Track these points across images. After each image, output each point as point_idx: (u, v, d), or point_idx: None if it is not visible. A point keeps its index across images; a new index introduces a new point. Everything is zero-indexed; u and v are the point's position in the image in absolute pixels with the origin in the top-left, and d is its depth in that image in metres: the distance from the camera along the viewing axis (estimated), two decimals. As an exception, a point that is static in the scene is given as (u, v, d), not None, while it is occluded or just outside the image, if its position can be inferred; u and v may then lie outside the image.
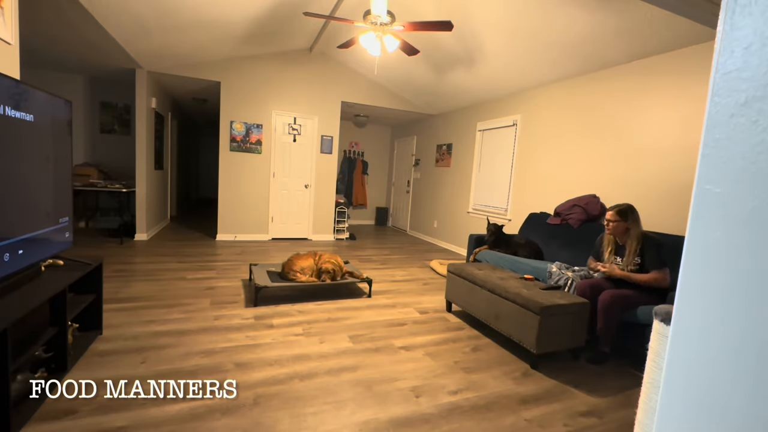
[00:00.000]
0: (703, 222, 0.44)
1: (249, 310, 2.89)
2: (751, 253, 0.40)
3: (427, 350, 2.44)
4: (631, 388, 2.11)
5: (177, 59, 4.80)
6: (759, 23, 0.38)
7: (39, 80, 4.39)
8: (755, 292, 0.39)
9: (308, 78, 5.69)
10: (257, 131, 5.55)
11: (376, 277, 3.94)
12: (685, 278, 0.45)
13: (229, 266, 4.12)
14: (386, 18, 3.10)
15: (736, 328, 0.41)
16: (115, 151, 5.80)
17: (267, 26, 4.32)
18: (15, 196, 1.59)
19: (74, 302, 2.05)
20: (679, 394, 0.46)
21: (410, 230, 7.47)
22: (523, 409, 1.88)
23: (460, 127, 5.92)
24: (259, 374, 2.02)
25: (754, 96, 0.39)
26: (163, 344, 2.27)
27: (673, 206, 2.95)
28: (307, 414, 1.72)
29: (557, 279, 2.86)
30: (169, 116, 6.58)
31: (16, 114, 1.56)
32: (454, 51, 4.25)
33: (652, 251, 2.36)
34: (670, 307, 0.51)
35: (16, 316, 1.41)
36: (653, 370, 0.66)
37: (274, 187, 5.78)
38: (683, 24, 2.53)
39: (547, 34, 3.38)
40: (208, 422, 1.61)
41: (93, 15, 3.25)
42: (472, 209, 5.56)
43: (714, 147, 0.42)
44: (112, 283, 3.19)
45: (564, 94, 4.09)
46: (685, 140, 2.93)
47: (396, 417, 1.74)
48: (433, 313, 3.14)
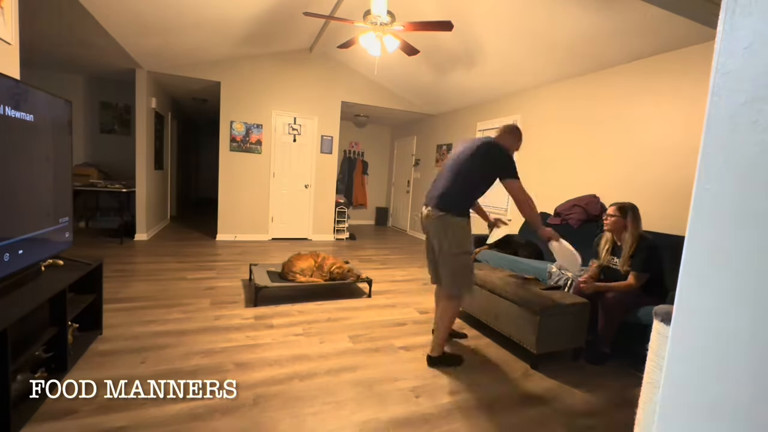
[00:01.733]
0: (703, 222, 0.44)
1: (249, 310, 2.89)
2: (750, 253, 0.40)
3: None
4: (631, 388, 2.11)
5: (177, 59, 4.80)
6: (759, 23, 0.38)
7: (39, 80, 4.39)
8: (755, 292, 0.39)
9: (308, 78, 5.69)
10: (257, 131, 5.55)
11: (376, 277, 3.93)
12: (685, 278, 0.45)
13: (229, 266, 4.12)
14: (386, 18, 3.10)
15: (736, 328, 0.41)
16: (115, 151, 5.80)
17: (267, 26, 4.32)
18: (15, 196, 1.59)
19: (74, 302, 2.05)
20: (679, 394, 0.46)
21: (410, 230, 7.47)
22: (523, 409, 1.88)
23: (460, 127, 5.92)
24: (259, 374, 2.02)
25: (754, 96, 0.39)
26: (163, 344, 2.26)
27: (673, 206, 2.95)
28: (307, 414, 1.71)
29: (557, 279, 2.86)
30: (169, 116, 6.58)
31: (16, 114, 1.56)
32: (454, 51, 4.24)
33: (641, 254, 2.36)
34: (670, 307, 0.51)
35: (16, 316, 1.41)
36: (653, 370, 0.66)
37: (274, 187, 5.78)
38: (683, 24, 2.53)
39: (547, 34, 3.38)
40: (208, 422, 1.61)
41: (93, 15, 3.25)
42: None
43: (714, 147, 0.42)
44: (112, 283, 3.19)
45: (564, 94, 4.09)
46: (685, 140, 2.93)
47: (396, 417, 1.74)
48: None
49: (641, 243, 2.38)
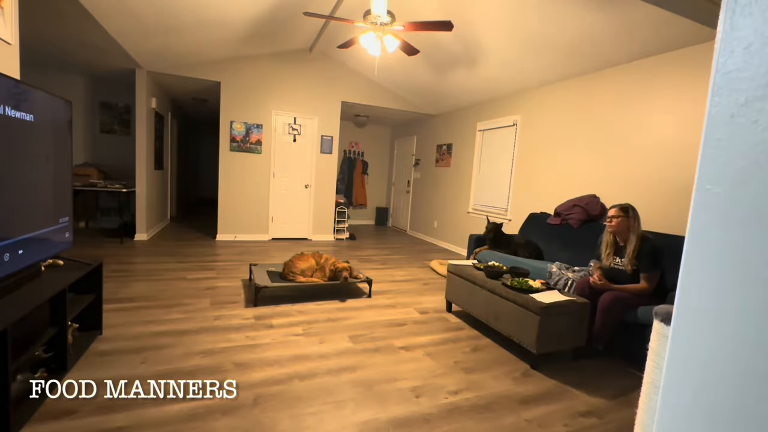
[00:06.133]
0: (703, 222, 0.43)
1: (249, 310, 2.89)
2: (751, 253, 0.40)
3: (427, 350, 2.44)
4: (631, 388, 2.11)
5: (177, 59, 4.80)
6: (759, 23, 0.38)
7: (39, 80, 4.39)
8: (755, 292, 0.39)
9: (308, 78, 5.69)
10: (257, 131, 5.55)
11: (376, 277, 3.93)
12: (685, 278, 0.45)
13: (229, 266, 4.12)
14: (386, 18, 3.10)
15: (736, 328, 0.41)
16: (115, 151, 5.80)
17: (267, 26, 4.32)
18: (15, 196, 1.59)
19: (74, 302, 2.05)
20: (679, 394, 0.46)
21: (410, 230, 7.47)
22: (523, 409, 1.88)
23: (460, 127, 5.92)
24: (258, 374, 2.02)
25: (754, 96, 0.39)
26: (163, 344, 2.26)
27: (673, 206, 2.95)
28: (306, 414, 1.71)
29: (557, 279, 2.86)
30: (169, 116, 6.58)
31: (16, 114, 1.56)
32: (454, 51, 4.24)
33: (648, 255, 2.36)
34: (670, 307, 0.51)
35: (16, 316, 1.41)
36: (653, 370, 0.66)
37: (274, 187, 5.78)
38: (683, 24, 2.53)
39: (547, 34, 3.38)
40: (208, 422, 1.61)
41: (93, 15, 3.25)
42: (472, 209, 5.56)
43: (714, 147, 0.42)
44: (112, 283, 3.19)
45: (564, 94, 4.09)
46: (685, 140, 2.93)
47: (396, 417, 1.74)
48: (433, 313, 3.14)
49: (644, 244, 2.39)
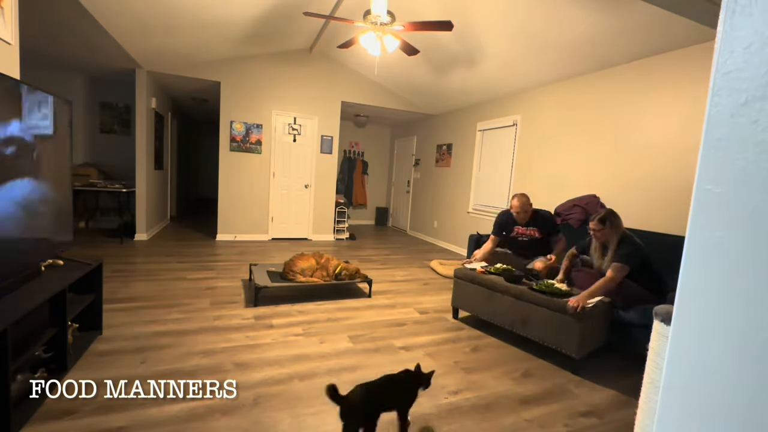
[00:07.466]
0: (703, 222, 0.43)
1: (249, 310, 2.89)
2: (751, 253, 0.40)
3: (427, 350, 2.44)
4: (631, 388, 2.11)
5: (177, 59, 4.80)
6: (759, 23, 0.38)
7: (39, 80, 4.39)
8: (755, 292, 0.39)
9: (308, 78, 5.69)
10: (257, 131, 5.55)
11: (376, 277, 3.93)
12: (685, 278, 0.45)
13: (229, 266, 4.12)
14: (386, 18, 3.10)
15: (736, 328, 0.41)
16: (115, 151, 5.80)
17: (267, 26, 4.32)
18: (14, 196, 1.59)
19: (74, 302, 2.05)
20: (679, 394, 0.46)
21: (410, 230, 7.47)
22: (523, 409, 1.88)
23: (460, 127, 5.92)
24: (259, 374, 2.02)
25: (754, 96, 0.39)
26: (163, 344, 2.26)
27: (673, 206, 2.95)
28: (307, 414, 1.71)
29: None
30: (169, 116, 6.58)
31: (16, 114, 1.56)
32: (454, 51, 4.24)
33: (623, 248, 2.41)
34: (670, 307, 0.51)
35: (16, 316, 1.41)
36: (653, 370, 0.66)
37: (274, 187, 5.78)
38: (683, 24, 2.53)
39: (547, 34, 3.38)
40: (208, 422, 1.61)
41: (93, 15, 3.25)
42: (472, 209, 5.56)
43: (714, 147, 0.42)
44: (112, 283, 3.19)
45: (564, 94, 4.09)
46: (685, 140, 2.93)
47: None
48: (433, 313, 3.14)
49: (624, 240, 2.45)
